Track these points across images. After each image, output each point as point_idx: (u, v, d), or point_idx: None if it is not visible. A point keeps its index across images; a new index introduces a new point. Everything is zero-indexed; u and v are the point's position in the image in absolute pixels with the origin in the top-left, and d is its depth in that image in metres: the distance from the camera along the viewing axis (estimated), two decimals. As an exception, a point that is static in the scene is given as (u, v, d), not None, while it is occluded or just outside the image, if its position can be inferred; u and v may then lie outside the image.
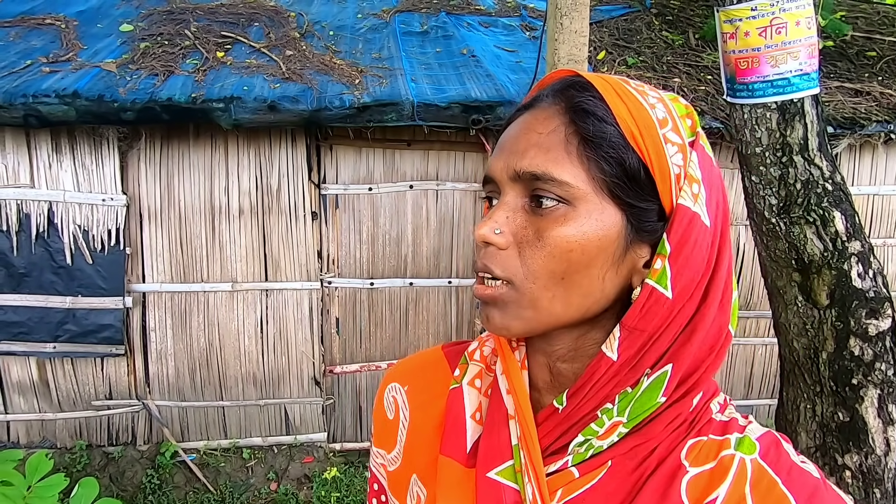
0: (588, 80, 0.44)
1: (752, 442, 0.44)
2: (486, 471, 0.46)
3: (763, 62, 1.70)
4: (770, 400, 3.51)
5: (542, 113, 0.44)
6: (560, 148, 0.42)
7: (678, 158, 0.42)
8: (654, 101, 0.44)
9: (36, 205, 2.68)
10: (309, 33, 3.33)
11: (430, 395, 0.55)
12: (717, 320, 0.43)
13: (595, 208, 0.41)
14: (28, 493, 1.40)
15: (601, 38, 3.46)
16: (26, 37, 2.99)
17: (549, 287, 0.42)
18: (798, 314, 1.82)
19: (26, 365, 2.87)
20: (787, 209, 1.76)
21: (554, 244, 0.41)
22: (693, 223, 0.41)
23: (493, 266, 0.43)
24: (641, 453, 0.44)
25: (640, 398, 0.43)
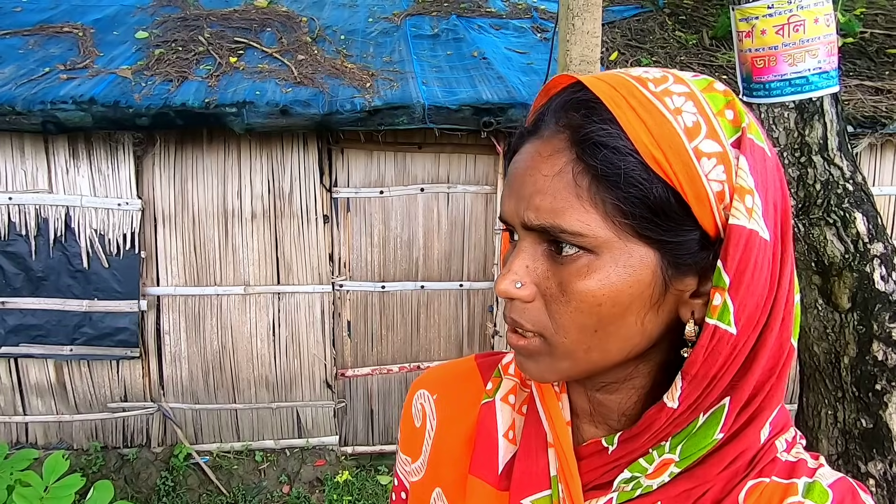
0: (596, 96, 0.37)
1: (825, 490, 0.38)
2: (520, 497, 0.44)
3: (780, 60, 1.67)
4: (789, 405, 3.44)
5: (546, 147, 0.38)
6: (569, 193, 0.37)
7: (719, 172, 0.36)
8: (680, 101, 0.37)
9: (54, 209, 2.73)
10: (320, 38, 3.35)
11: (460, 407, 0.52)
12: (779, 339, 0.38)
13: (621, 254, 0.37)
14: (45, 494, 1.41)
15: (613, 39, 3.43)
16: (45, 45, 3.04)
17: (583, 340, 0.39)
18: (818, 318, 1.78)
19: (44, 367, 2.91)
20: (807, 210, 1.72)
21: (580, 299, 0.37)
22: (751, 243, 0.35)
23: (522, 320, 0.40)
24: (695, 495, 0.40)
25: (695, 436, 0.39)
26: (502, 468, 0.46)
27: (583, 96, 0.38)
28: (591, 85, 0.38)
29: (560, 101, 0.39)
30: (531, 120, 0.42)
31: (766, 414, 0.39)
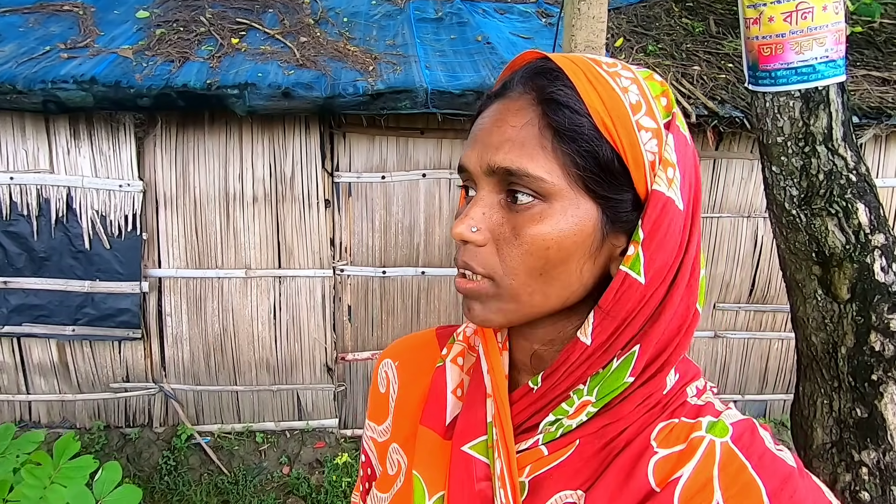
0: (559, 66, 0.42)
1: (726, 426, 0.43)
2: (460, 444, 0.48)
3: (787, 48, 1.66)
4: (785, 395, 3.47)
5: (514, 104, 0.43)
6: (534, 142, 0.41)
7: (653, 144, 0.42)
8: (627, 83, 0.42)
9: (55, 190, 2.73)
10: (323, 20, 3.31)
11: (418, 371, 0.57)
12: (685, 300, 0.43)
13: (570, 204, 0.41)
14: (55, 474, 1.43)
15: (619, 25, 3.39)
16: (45, 23, 3.01)
17: (529, 282, 0.43)
18: (817, 308, 1.78)
19: (47, 347, 2.93)
20: (809, 200, 1.72)
21: (531, 242, 0.42)
22: (666, 208, 0.41)
23: (473, 263, 0.44)
24: (610, 433, 0.45)
25: (609, 379, 0.43)
26: (449, 420, 0.51)
27: (547, 65, 0.43)
28: (554, 58, 0.43)
29: (526, 69, 0.44)
30: (497, 86, 0.46)
31: (671, 366, 0.44)
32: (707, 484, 0.40)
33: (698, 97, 2.75)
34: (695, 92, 2.77)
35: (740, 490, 0.40)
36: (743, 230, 3.20)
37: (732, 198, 3.15)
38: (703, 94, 2.77)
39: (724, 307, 3.28)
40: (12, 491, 1.41)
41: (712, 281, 3.25)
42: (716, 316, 3.31)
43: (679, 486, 0.41)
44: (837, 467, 1.79)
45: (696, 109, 2.69)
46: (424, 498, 0.49)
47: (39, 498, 1.38)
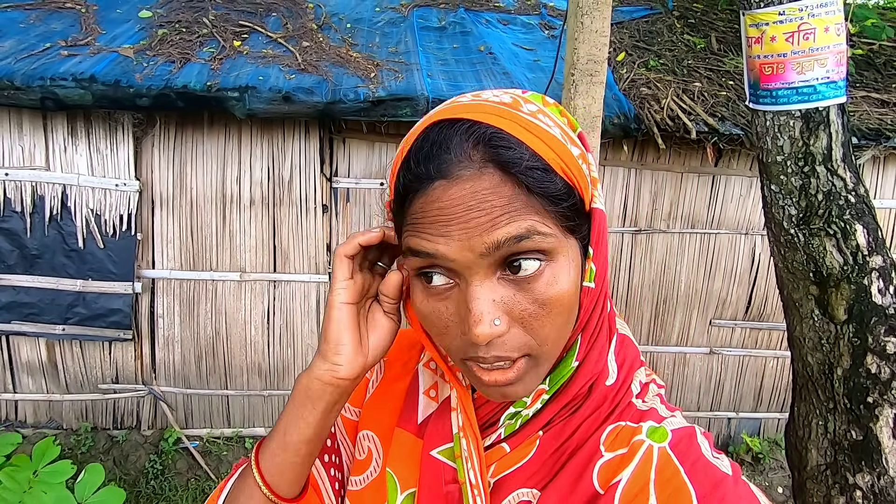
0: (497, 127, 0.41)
1: (666, 432, 0.45)
2: (429, 449, 0.52)
3: (788, 68, 1.66)
4: (780, 414, 3.45)
5: (482, 182, 0.41)
6: (527, 208, 0.41)
7: (586, 168, 0.45)
8: (546, 119, 0.44)
9: (50, 187, 2.70)
10: (326, 25, 3.32)
11: (402, 369, 0.60)
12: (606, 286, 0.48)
13: (568, 250, 0.43)
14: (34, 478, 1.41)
15: (621, 40, 3.41)
16: (46, 20, 3.01)
17: (559, 339, 0.44)
18: (814, 328, 1.77)
19: (36, 346, 2.90)
20: (807, 220, 1.71)
21: (557, 304, 0.42)
22: (604, 220, 0.46)
23: (508, 352, 0.43)
24: (565, 432, 0.48)
25: (559, 367, 0.47)
26: (421, 419, 0.55)
27: (479, 131, 0.41)
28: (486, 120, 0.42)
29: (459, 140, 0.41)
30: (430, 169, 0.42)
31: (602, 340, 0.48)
32: (644, 487, 0.43)
33: (699, 113, 2.75)
34: (695, 108, 2.78)
35: (672, 493, 0.42)
36: (741, 247, 3.20)
37: (731, 214, 3.16)
38: (704, 111, 2.78)
39: (720, 323, 3.27)
40: (-7, 492, 1.38)
41: (708, 297, 3.24)
42: (711, 332, 3.30)
43: (619, 488, 0.43)
44: (831, 490, 1.77)
45: (697, 126, 2.70)
46: (397, 493, 0.53)
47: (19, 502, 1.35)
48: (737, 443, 3.41)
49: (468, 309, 0.41)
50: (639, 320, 3.25)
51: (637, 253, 3.16)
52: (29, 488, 1.36)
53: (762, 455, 3.28)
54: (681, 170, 3.07)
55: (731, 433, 3.45)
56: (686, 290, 3.23)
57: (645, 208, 3.11)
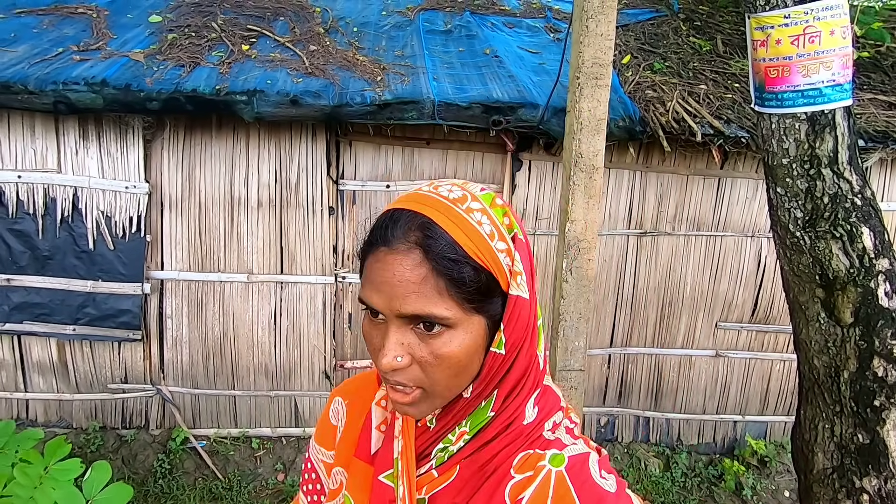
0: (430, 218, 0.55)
1: (564, 458, 0.58)
2: (377, 474, 0.64)
3: (794, 71, 1.66)
4: (786, 417, 3.44)
5: (406, 259, 0.54)
6: (432, 291, 0.54)
7: (507, 261, 0.57)
8: (479, 216, 0.57)
9: (62, 189, 2.74)
10: (333, 29, 3.35)
11: (360, 409, 0.72)
12: (528, 353, 0.60)
13: (468, 325, 0.56)
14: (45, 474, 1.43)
15: (626, 42, 3.41)
16: (59, 25, 3.05)
17: (449, 384, 0.57)
18: (820, 331, 1.77)
19: (47, 346, 2.94)
20: (813, 223, 1.71)
21: (447, 358, 0.55)
22: (519, 303, 0.57)
23: (405, 380, 0.57)
24: (482, 459, 0.60)
25: (476, 414, 0.60)
26: (374, 450, 0.67)
27: (417, 220, 0.56)
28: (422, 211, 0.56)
29: (403, 224, 0.56)
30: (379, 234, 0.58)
31: (523, 395, 0.61)
32: (543, 502, 0.55)
33: (704, 116, 2.76)
34: (701, 111, 2.78)
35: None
36: (746, 249, 3.19)
37: (736, 217, 3.15)
38: (709, 113, 2.78)
39: (726, 326, 3.27)
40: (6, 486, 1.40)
41: (714, 299, 3.24)
42: (717, 335, 3.29)
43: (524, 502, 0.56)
44: (838, 493, 1.76)
45: (702, 128, 2.70)
46: None
47: (30, 497, 1.38)
48: (742, 446, 3.39)
49: (382, 343, 0.56)
50: (644, 323, 3.25)
51: (642, 256, 3.16)
52: (39, 484, 1.38)
53: (768, 458, 3.27)
54: (686, 172, 3.07)
55: (737, 436, 3.44)
56: (692, 292, 3.22)
57: (650, 211, 3.11)
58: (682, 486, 3.15)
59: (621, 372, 3.32)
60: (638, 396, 3.36)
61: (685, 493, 3.10)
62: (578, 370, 2.16)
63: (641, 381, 3.34)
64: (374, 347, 0.58)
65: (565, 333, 2.13)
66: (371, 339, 0.59)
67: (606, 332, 3.25)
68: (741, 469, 3.17)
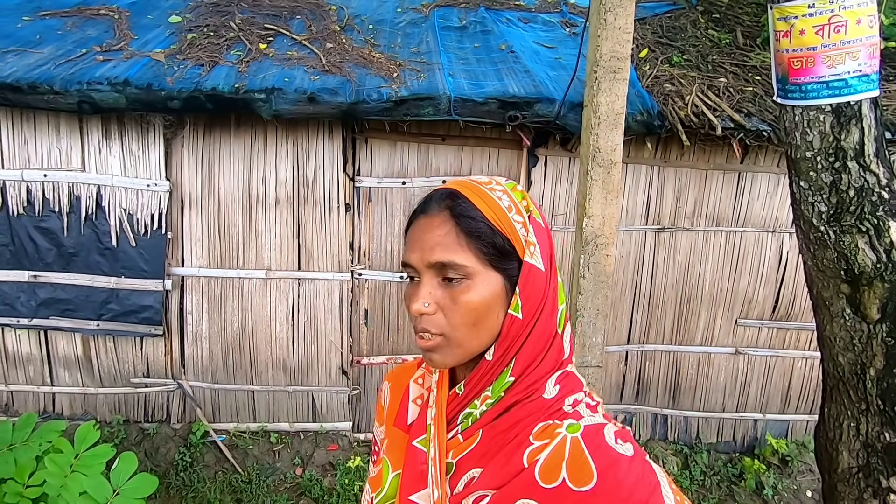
0: (458, 191, 0.67)
1: (580, 426, 0.63)
2: (412, 440, 0.72)
3: (818, 62, 1.63)
4: (808, 416, 3.37)
5: (436, 219, 0.66)
6: (454, 243, 0.64)
7: (523, 231, 0.66)
8: (500, 194, 0.67)
9: (86, 188, 2.80)
10: (349, 26, 3.36)
11: (400, 389, 0.82)
12: (546, 326, 0.67)
13: (485, 277, 0.64)
14: (76, 461, 1.46)
15: (644, 36, 3.37)
16: (82, 27, 3.11)
17: (468, 332, 0.65)
18: (845, 327, 1.74)
19: (72, 341, 3.01)
20: (838, 217, 1.68)
21: (465, 305, 0.64)
22: (532, 271, 0.65)
23: (430, 327, 0.65)
24: (503, 426, 0.66)
25: (499, 379, 0.66)
26: (410, 421, 0.76)
27: (448, 192, 0.68)
28: (453, 186, 0.68)
29: (438, 195, 0.69)
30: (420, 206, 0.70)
31: (543, 369, 0.67)
32: (558, 464, 0.60)
33: (724, 109, 2.71)
34: (721, 104, 2.74)
35: (579, 469, 0.59)
36: (767, 245, 3.14)
37: (757, 212, 3.10)
38: (730, 107, 2.73)
39: (746, 323, 3.22)
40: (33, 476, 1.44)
41: (734, 295, 3.19)
42: (737, 332, 3.24)
43: (538, 464, 0.61)
44: (864, 493, 1.73)
45: (722, 122, 2.66)
46: (389, 472, 0.74)
47: (60, 486, 1.41)
48: (763, 445, 3.34)
49: (415, 293, 0.66)
50: (662, 320, 3.21)
51: (660, 252, 3.13)
52: (71, 472, 1.42)
53: (790, 458, 3.22)
54: (705, 167, 3.03)
55: (758, 435, 3.39)
56: (711, 289, 3.18)
57: (668, 206, 3.07)
58: (702, 484, 3.12)
59: (639, 369, 3.29)
60: (656, 394, 3.33)
61: (704, 492, 3.07)
62: (596, 367, 2.15)
63: (659, 378, 3.31)
64: (408, 300, 0.67)
65: (583, 330, 2.12)
66: (408, 297, 0.67)
67: (624, 329, 3.22)
68: (762, 468, 3.12)
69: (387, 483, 0.73)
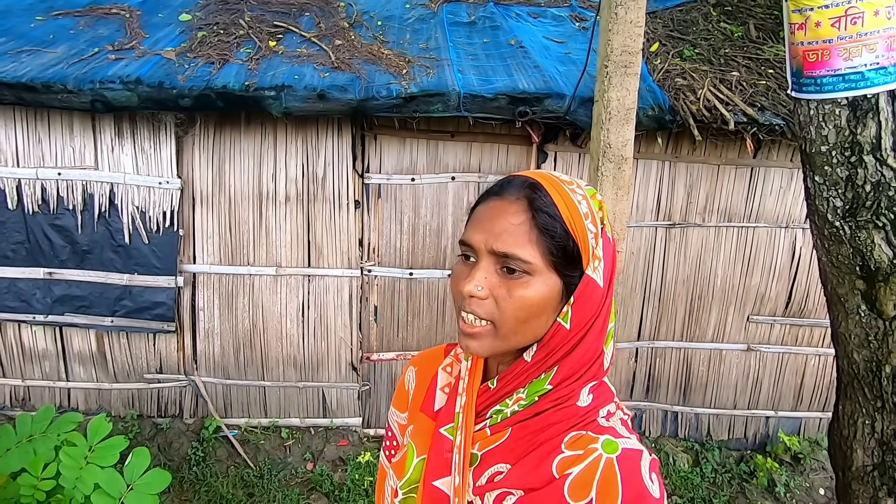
0: (539, 183, 0.64)
1: (618, 447, 0.61)
2: (439, 427, 0.72)
3: (834, 55, 1.60)
4: (821, 413, 3.34)
5: (512, 206, 0.63)
6: (524, 236, 0.61)
7: (593, 242, 0.64)
8: (580, 198, 0.64)
9: (99, 186, 2.84)
10: (357, 23, 3.36)
11: (428, 374, 0.80)
12: (594, 343, 0.65)
13: (545, 278, 0.62)
14: (90, 454, 1.48)
15: (655, 30, 3.34)
16: (94, 26, 3.14)
17: (516, 327, 0.63)
18: (860, 324, 1.71)
19: (87, 337, 3.05)
20: (854, 212, 1.66)
21: (520, 300, 0.62)
22: (590, 285, 0.64)
23: (479, 311, 0.63)
24: (534, 427, 0.65)
25: (537, 384, 0.66)
26: (437, 408, 0.75)
27: (534, 182, 0.65)
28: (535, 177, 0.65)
29: (518, 181, 0.65)
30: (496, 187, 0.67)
31: (581, 383, 0.66)
32: (589, 483, 0.59)
33: (737, 104, 2.68)
34: (733, 98, 2.71)
35: (607, 492, 0.58)
36: (780, 241, 3.10)
37: (770, 207, 3.06)
38: (742, 101, 2.70)
39: (758, 320, 3.19)
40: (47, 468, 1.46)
41: (746, 292, 3.16)
42: (749, 328, 3.21)
43: (570, 478, 0.60)
44: (878, 491, 1.71)
45: (735, 116, 2.63)
46: (413, 457, 0.73)
47: (76, 479, 1.43)
48: (775, 442, 3.32)
49: (470, 274, 0.64)
50: (672, 316, 3.19)
51: (671, 248, 3.11)
52: (86, 464, 1.44)
53: (802, 455, 3.19)
54: (717, 162, 3.00)
55: (769, 432, 3.36)
56: (722, 285, 3.15)
57: (679, 202, 3.05)
58: (712, 481, 3.10)
59: (649, 366, 3.28)
60: (666, 391, 3.31)
61: (715, 489, 3.05)
62: (606, 363, 2.14)
63: (670, 375, 3.29)
64: (459, 279, 0.65)
65: (593, 326, 2.11)
66: (457, 274, 0.66)
67: (634, 326, 3.20)
68: (774, 466, 3.10)
69: (411, 467, 0.73)
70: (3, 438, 1.52)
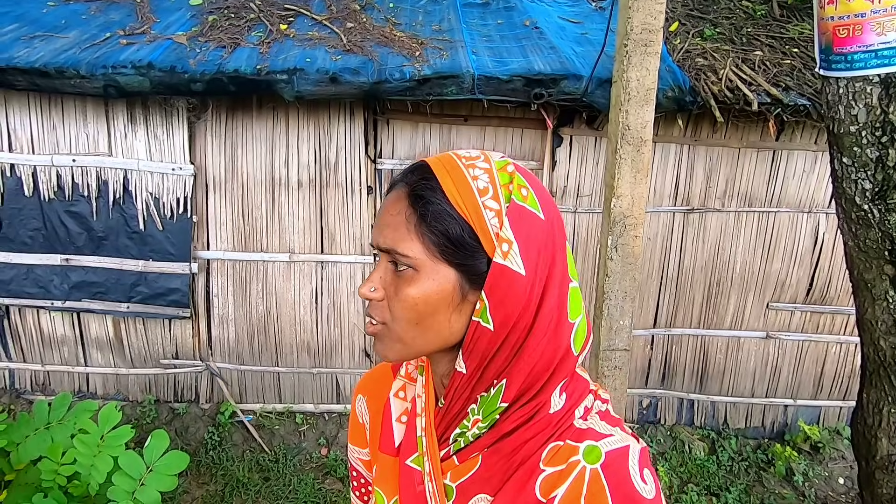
0: (426, 164, 0.57)
1: (600, 453, 0.54)
2: (404, 460, 0.65)
3: (867, 29, 1.53)
4: (841, 402, 3.28)
5: (395, 195, 0.57)
6: (403, 227, 0.55)
7: (494, 221, 0.53)
8: (479, 172, 0.55)
9: (113, 172, 2.84)
10: (369, 5, 3.31)
11: (379, 404, 0.72)
12: (549, 345, 0.55)
13: (431, 271, 0.54)
14: (101, 442, 1.50)
15: (674, 9, 3.24)
16: (106, 11, 3.13)
17: (408, 329, 0.56)
18: (888, 310, 1.66)
19: (104, 323, 3.08)
20: (884, 195, 1.60)
21: (405, 299, 0.55)
22: (504, 274, 0.53)
23: (374, 313, 0.58)
24: (506, 448, 0.57)
25: (489, 402, 0.57)
26: (398, 443, 0.67)
27: (419, 164, 0.58)
28: (430, 159, 0.58)
29: (408, 168, 0.59)
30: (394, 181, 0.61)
31: (550, 389, 0.57)
32: (576, 500, 0.53)
33: (760, 84, 2.60)
34: (756, 78, 2.62)
35: None
36: (802, 226, 3.03)
37: (792, 192, 2.99)
38: (766, 81, 2.62)
39: (778, 307, 3.13)
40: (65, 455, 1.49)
41: (766, 278, 3.10)
42: (768, 315, 3.15)
43: (555, 502, 0.54)
44: (905, 481, 1.67)
45: (758, 97, 2.55)
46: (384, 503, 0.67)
47: (90, 465, 1.45)
48: (793, 431, 3.27)
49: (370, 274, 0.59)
50: (689, 303, 3.14)
51: (689, 233, 3.05)
52: (99, 452, 1.46)
53: (822, 444, 3.14)
54: (738, 145, 2.92)
55: (788, 420, 3.31)
56: (742, 271, 3.09)
57: (698, 186, 2.98)
58: (729, 469, 3.07)
59: (665, 353, 3.24)
60: (682, 378, 3.27)
61: (732, 478, 3.02)
62: (623, 350, 2.11)
63: (686, 362, 3.25)
64: None
65: (610, 312, 2.08)
66: None
67: (650, 313, 3.16)
68: (793, 455, 3.05)
69: None
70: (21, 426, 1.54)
